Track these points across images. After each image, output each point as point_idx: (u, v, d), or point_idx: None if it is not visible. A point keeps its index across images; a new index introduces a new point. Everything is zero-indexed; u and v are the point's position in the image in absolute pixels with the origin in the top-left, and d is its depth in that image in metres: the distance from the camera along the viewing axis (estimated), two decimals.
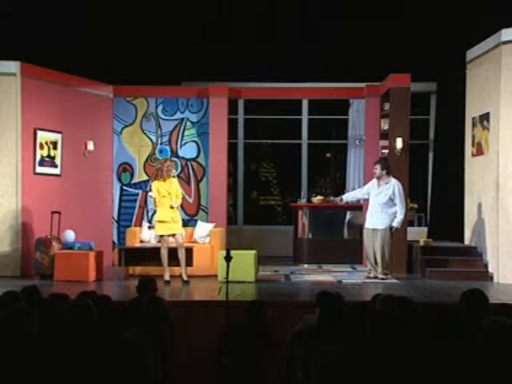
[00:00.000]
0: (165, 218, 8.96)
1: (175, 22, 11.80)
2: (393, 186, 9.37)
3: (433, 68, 11.65)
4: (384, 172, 9.42)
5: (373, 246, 9.44)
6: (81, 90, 10.90)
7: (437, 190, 12.04)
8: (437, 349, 3.64)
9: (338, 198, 10.08)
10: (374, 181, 9.57)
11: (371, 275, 9.51)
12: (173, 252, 9.00)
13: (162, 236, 9.08)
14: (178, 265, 9.05)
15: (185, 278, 8.95)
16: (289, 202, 12.90)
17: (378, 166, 9.48)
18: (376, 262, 9.43)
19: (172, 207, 8.96)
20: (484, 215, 9.86)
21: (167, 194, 9.00)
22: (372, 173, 9.70)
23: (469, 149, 10.45)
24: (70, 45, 10.82)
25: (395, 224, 9.35)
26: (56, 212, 9.79)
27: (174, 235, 9.03)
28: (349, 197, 10.11)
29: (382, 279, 9.29)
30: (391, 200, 9.34)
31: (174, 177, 9.25)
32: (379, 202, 9.37)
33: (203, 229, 10.39)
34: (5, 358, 3.59)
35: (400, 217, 9.34)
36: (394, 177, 9.54)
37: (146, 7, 11.64)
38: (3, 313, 3.87)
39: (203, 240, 10.23)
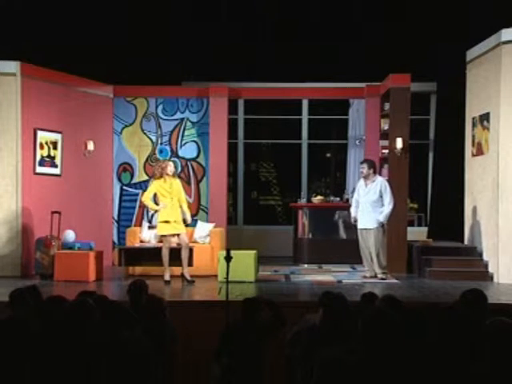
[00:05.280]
0: (168, 218, 8.94)
1: (175, 22, 11.81)
2: (380, 183, 9.45)
3: (433, 68, 11.65)
4: (371, 171, 9.51)
5: (367, 245, 9.47)
6: (81, 90, 10.89)
7: (437, 190, 12.03)
8: (433, 348, 3.65)
9: (353, 220, 9.77)
10: (361, 181, 9.67)
11: (367, 275, 9.53)
12: (173, 252, 9.00)
13: (164, 236, 9.07)
14: (179, 265, 9.03)
15: (189, 277, 8.94)
16: (289, 201, 12.89)
17: (365, 166, 9.57)
18: (373, 262, 9.47)
19: (185, 220, 9.06)
20: (484, 215, 9.86)
21: (167, 194, 8.99)
22: (359, 172, 9.88)
23: (469, 149, 10.44)
24: (70, 45, 10.82)
25: (381, 219, 9.34)
26: (56, 212, 9.79)
27: (178, 235, 9.03)
28: (356, 211, 9.73)
29: (382, 279, 9.30)
30: (381, 198, 9.38)
31: (174, 177, 9.18)
32: (369, 201, 9.42)
33: (203, 229, 10.39)
34: (5, 358, 3.59)
35: (386, 211, 9.34)
36: (380, 175, 9.76)
37: (146, 7, 11.64)
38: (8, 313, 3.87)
39: (203, 240, 10.23)
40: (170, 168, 9.03)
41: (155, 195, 9.20)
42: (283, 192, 15.79)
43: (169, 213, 8.95)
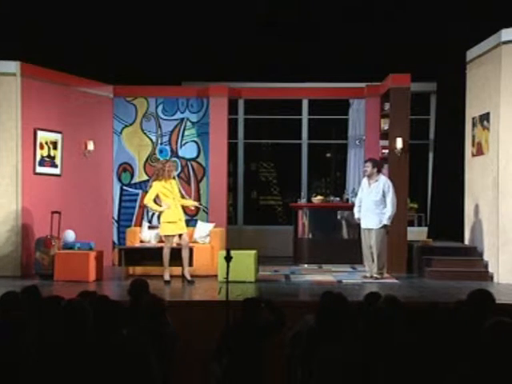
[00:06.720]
0: (173, 219, 8.94)
1: (175, 22, 11.80)
2: (383, 182, 9.47)
3: (433, 68, 11.65)
4: (375, 170, 9.51)
5: (370, 245, 9.48)
6: (81, 89, 10.89)
7: (437, 190, 12.03)
8: (434, 348, 3.65)
9: (357, 220, 9.79)
10: (364, 180, 9.66)
11: (367, 275, 9.54)
12: (173, 252, 9.00)
13: (167, 236, 9.06)
14: (179, 265, 9.04)
15: (189, 277, 8.95)
16: (289, 201, 12.89)
17: (369, 164, 9.56)
18: (373, 261, 9.47)
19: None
20: (484, 215, 9.86)
21: (169, 194, 8.99)
22: (363, 171, 9.87)
23: (469, 149, 10.45)
24: (70, 45, 10.82)
25: (385, 221, 9.37)
26: (56, 212, 9.79)
27: (180, 235, 9.03)
28: (359, 211, 9.71)
29: (377, 278, 9.31)
30: (384, 198, 9.38)
31: (174, 178, 9.27)
32: (372, 201, 9.42)
33: (203, 229, 10.39)
34: (4, 357, 3.60)
35: (388, 213, 9.35)
36: (384, 174, 9.74)
37: (146, 7, 11.64)
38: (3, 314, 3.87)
39: (203, 240, 10.23)
40: (175, 171, 9.16)
41: (156, 196, 9.19)
42: (283, 192, 15.80)
43: (173, 212, 8.96)
